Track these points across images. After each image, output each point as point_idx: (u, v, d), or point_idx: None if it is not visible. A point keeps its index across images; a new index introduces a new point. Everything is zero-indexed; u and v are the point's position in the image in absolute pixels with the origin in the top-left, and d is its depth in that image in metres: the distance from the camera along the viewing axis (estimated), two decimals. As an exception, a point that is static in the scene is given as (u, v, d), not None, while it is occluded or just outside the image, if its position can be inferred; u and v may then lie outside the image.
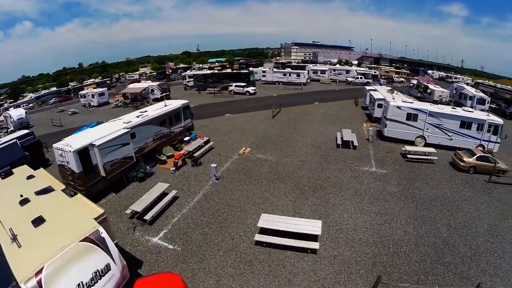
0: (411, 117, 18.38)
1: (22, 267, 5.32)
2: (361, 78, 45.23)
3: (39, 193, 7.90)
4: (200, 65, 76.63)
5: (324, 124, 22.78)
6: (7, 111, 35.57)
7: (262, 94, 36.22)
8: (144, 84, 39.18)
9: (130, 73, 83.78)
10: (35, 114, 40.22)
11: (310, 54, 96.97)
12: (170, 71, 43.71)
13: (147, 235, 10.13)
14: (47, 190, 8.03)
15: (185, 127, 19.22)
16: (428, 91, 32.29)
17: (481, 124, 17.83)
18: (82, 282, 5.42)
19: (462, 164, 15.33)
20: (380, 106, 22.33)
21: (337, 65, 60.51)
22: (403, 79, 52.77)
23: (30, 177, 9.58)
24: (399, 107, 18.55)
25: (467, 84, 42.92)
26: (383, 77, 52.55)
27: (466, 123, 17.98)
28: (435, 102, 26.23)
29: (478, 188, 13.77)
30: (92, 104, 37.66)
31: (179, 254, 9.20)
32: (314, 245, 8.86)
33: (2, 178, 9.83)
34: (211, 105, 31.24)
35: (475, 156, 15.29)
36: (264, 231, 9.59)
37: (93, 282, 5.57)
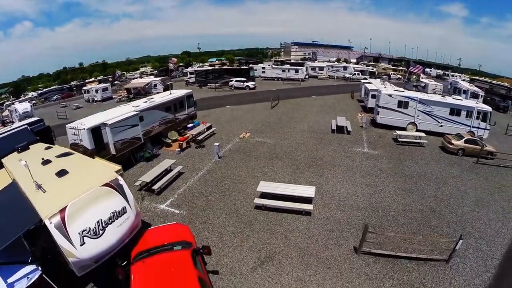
0: (402, 104, 19.32)
1: (47, 206, 6.05)
2: (358, 74, 46.19)
3: (59, 156, 8.77)
4: (201, 64, 77.52)
5: (320, 114, 23.72)
6: (12, 105, 36.38)
7: (261, 89, 37.16)
8: (147, 79, 40.11)
9: (131, 72, 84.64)
10: (39, 110, 41.06)
11: (310, 54, 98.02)
12: (173, 66, 44.80)
13: (155, 203, 10.99)
14: (68, 154, 8.91)
15: (189, 115, 20.15)
16: (422, 84, 33.28)
17: (470, 111, 18.73)
18: (101, 220, 6.26)
19: (451, 146, 16.21)
20: (373, 96, 23.24)
21: (335, 62, 61.51)
22: (400, 76, 53.80)
23: (48, 148, 10.43)
24: (390, 95, 19.50)
25: (463, 80, 43.89)
26: (381, 74, 53.56)
27: (455, 110, 18.89)
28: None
29: (466, 168, 14.59)
30: (95, 99, 38.52)
31: (185, 217, 10.07)
32: (309, 206, 9.75)
33: (19, 152, 10.66)
34: (213, 98, 32.16)
35: (463, 139, 16.17)
36: (263, 196, 10.48)
37: (110, 220, 6.42)
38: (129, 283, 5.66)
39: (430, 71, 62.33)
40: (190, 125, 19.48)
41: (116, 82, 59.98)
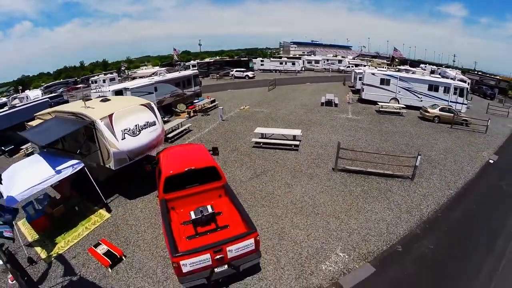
0: (384, 81, 21.60)
1: (98, 113, 8.18)
2: (352, 67, 48.55)
3: (98, 97, 11.02)
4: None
5: (312, 95, 26.05)
6: (23, 93, 38.51)
7: (259, 78, 39.54)
8: (153, 69, 42.48)
9: (133, 70, 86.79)
10: (49, 99, 43.27)
11: (309, 52, 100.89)
12: (177, 56, 47.36)
13: (170, 148, 13.24)
14: (106, 96, 11.17)
15: (195, 92, 22.55)
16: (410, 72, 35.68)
17: (448, 87, 20.87)
18: (138, 124, 8.53)
19: (427, 114, 18.40)
20: (360, 79, 25.50)
21: (329, 54, 64.11)
22: (393, 70, 56.27)
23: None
24: (373, 74, 21.85)
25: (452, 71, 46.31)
26: (376, 68, 56.02)
27: (433, 86, 21.05)
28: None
29: (441, 130, 16.45)
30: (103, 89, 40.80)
31: (196, 154, 12.31)
32: (296, 142, 12.06)
33: (51, 107, 12.81)
34: (215, 85, 34.49)
35: (439, 108, 18.42)
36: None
37: (145, 126, 8.69)
38: (157, 167, 7.79)
39: (425, 67, 64.95)
40: (196, 101, 21.83)
41: (119, 78, 62.11)
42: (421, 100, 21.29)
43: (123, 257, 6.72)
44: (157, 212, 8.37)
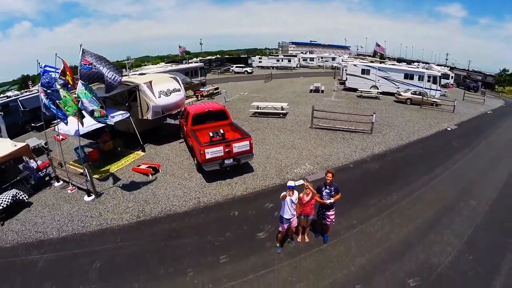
0: (365, 71, 24.93)
1: (141, 80, 11.64)
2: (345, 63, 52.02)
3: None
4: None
5: (304, 85, 29.29)
6: (36, 85, 41.72)
7: (257, 74, 43.02)
8: (159, 65, 45.92)
9: (135, 68, 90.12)
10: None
11: (307, 52, 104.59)
12: (182, 53, 50.95)
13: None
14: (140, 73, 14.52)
15: (201, 82, 25.95)
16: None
17: (422, 76, 24.08)
18: (169, 89, 11.85)
19: (400, 97, 21.68)
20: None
21: (326, 54, 67.74)
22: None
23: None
24: (355, 65, 25.23)
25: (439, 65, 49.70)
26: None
27: (408, 75, 24.30)
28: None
29: (411, 109, 19.46)
30: (113, 84, 44.14)
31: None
32: (284, 111, 15.43)
33: None
34: (217, 79, 37.87)
35: (410, 91, 21.70)
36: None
37: (173, 91, 12.01)
38: (184, 116, 11.12)
39: (418, 65, 68.56)
40: (201, 89, 25.21)
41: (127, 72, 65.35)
42: (398, 87, 24.47)
43: (160, 170, 9.94)
44: (181, 149, 11.69)
